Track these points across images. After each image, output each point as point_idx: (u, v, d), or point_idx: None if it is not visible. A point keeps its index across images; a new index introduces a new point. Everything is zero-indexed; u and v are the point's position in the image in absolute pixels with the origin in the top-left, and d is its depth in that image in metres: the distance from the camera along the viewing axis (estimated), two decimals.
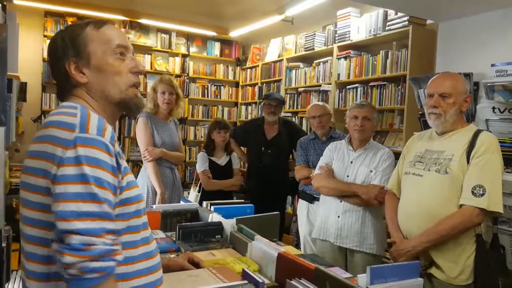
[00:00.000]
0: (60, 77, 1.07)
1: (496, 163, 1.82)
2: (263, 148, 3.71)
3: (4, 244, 1.63)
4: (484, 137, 1.85)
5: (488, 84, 2.53)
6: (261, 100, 3.91)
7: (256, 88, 6.00)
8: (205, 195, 3.29)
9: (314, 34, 4.71)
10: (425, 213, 1.89)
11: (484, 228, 1.88)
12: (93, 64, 1.06)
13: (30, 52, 5.09)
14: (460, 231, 1.81)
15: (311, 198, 3.05)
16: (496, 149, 1.84)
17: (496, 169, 1.81)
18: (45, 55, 5.19)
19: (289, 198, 4.70)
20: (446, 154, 1.91)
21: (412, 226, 1.95)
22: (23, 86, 4.49)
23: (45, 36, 5.25)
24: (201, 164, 3.41)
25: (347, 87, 4.25)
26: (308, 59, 5.01)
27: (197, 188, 3.44)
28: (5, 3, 2.05)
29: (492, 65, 2.58)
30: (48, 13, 5.27)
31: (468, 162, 1.83)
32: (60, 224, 0.87)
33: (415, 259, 1.87)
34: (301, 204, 3.21)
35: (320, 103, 3.33)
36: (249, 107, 6.24)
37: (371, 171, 2.45)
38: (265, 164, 3.68)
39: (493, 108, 2.57)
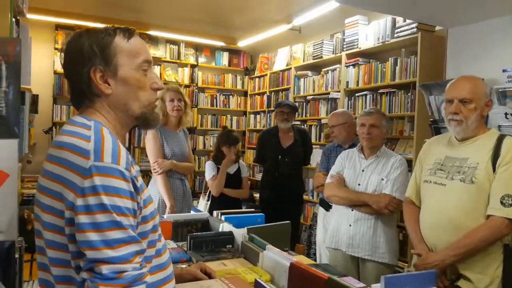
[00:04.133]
0: (81, 83, 1.03)
1: None
2: (279, 157, 3.70)
3: (17, 255, 1.64)
4: (509, 143, 1.78)
5: (500, 90, 2.50)
6: (273, 109, 3.90)
7: (265, 97, 6.02)
8: (215, 204, 3.30)
9: (322, 42, 4.72)
10: (451, 225, 1.82)
11: (510, 237, 1.81)
12: (120, 76, 1.03)
13: (41, 65, 5.17)
14: (489, 243, 1.74)
15: (328, 206, 3.03)
16: None
17: None
18: (56, 67, 5.28)
19: None
20: (470, 162, 1.83)
21: (438, 238, 1.87)
22: (34, 98, 4.56)
23: (56, 48, 5.34)
24: (209, 172, 3.42)
25: (356, 94, 4.24)
26: (316, 67, 5.01)
27: (206, 197, 3.45)
28: (18, 17, 2.09)
29: (504, 71, 2.56)
30: (59, 26, 5.36)
31: (494, 170, 1.76)
32: (89, 253, 0.87)
33: (441, 271, 1.81)
34: (320, 212, 3.20)
35: (339, 111, 3.25)
36: (258, 116, 6.26)
37: (382, 179, 2.42)
38: (281, 173, 3.67)
39: (506, 114, 2.54)
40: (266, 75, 6.01)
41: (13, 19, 1.84)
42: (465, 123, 1.83)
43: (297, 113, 4.48)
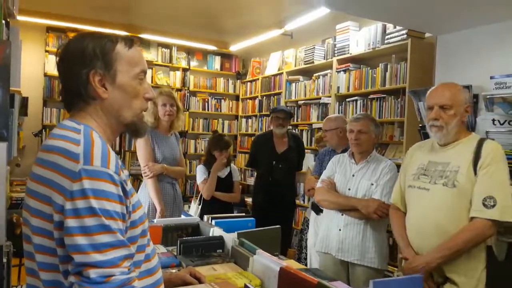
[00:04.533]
0: (77, 85, 1.03)
1: (504, 172, 1.80)
2: (274, 162, 3.71)
3: (5, 260, 1.62)
4: (489, 147, 1.83)
5: (488, 97, 2.54)
6: (267, 113, 3.91)
7: (256, 101, 6.03)
8: (206, 208, 3.29)
9: (314, 47, 4.75)
10: (435, 228, 1.85)
11: (493, 239, 1.86)
12: (118, 83, 1.05)
13: (31, 67, 5.13)
14: (473, 245, 1.78)
15: (318, 210, 3.04)
16: (501, 158, 1.82)
17: (504, 178, 1.79)
18: (47, 70, 5.25)
19: None
20: (452, 166, 1.87)
21: (422, 241, 1.91)
22: (24, 101, 4.51)
23: (46, 51, 5.30)
24: (200, 176, 3.41)
25: (347, 99, 4.27)
26: (307, 73, 5.04)
27: (197, 201, 3.44)
28: (8, 19, 2.08)
29: (491, 78, 2.60)
30: (50, 29, 5.33)
31: (475, 173, 1.80)
32: (77, 257, 0.87)
33: (428, 275, 1.84)
34: (312, 216, 3.21)
35: (332, 116, 3.29)
36: (249, 120, 6.27)
37: (372, 184, 2.44)
38: (275, 178, 3.68)
39: (493, 120, 2.58)
40: (258, 79, 6.02)
41: (3, 21, 1.83)
42: (445, 128, 1.89)
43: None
